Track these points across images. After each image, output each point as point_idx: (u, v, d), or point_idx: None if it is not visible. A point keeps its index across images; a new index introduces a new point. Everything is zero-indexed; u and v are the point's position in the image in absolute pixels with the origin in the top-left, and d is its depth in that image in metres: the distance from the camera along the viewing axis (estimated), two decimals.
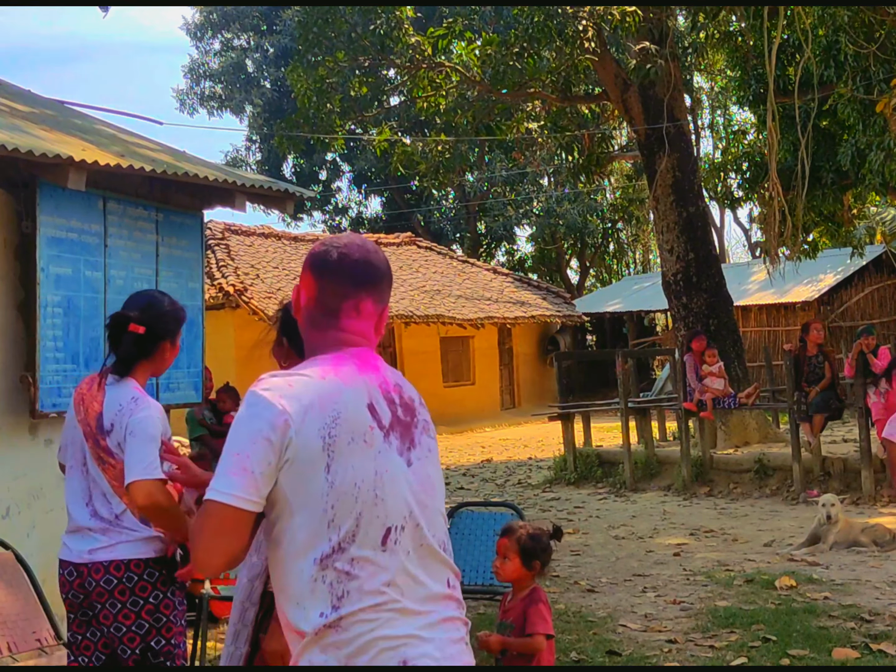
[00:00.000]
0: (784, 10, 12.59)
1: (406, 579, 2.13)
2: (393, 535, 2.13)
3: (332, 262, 2.25)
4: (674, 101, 14.74)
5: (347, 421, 2.11)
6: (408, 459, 2.19)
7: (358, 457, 2.11)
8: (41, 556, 5.27)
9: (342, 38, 16.12)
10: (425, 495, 2.20)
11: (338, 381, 2.14)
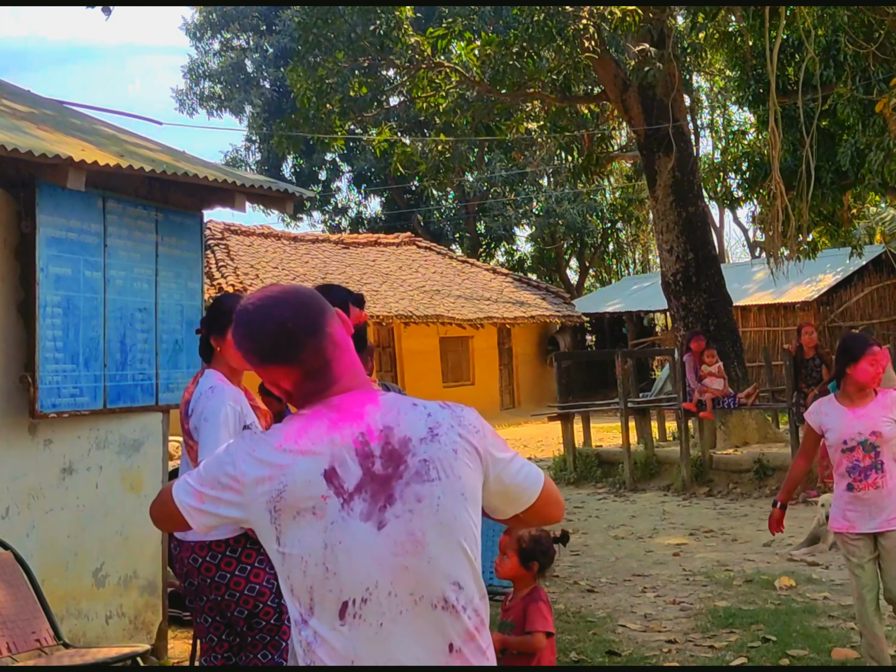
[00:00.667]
0: (784, 10, 12.59)
1: (384, 655, 1.98)
2: (351, 609, 1.98)
3: (272, 334, 2.11)
4: (673, 101, 14.73)
5: (293, 495, 1.99)
6: (379, 522, 2.00)
7: (305, 530, 1.99)
8: (41, 556, 5.27)
9: (342, 38, 16.12)
10: (406, 557, 1.99)
11: (293, 451, 2.03)
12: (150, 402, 5.88)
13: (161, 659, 6.01)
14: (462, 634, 2.02)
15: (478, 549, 2.09)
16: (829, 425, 5.22)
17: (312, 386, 2.10)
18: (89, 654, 4.73)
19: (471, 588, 2.04)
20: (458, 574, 2.02)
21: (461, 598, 2.02)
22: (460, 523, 2.04)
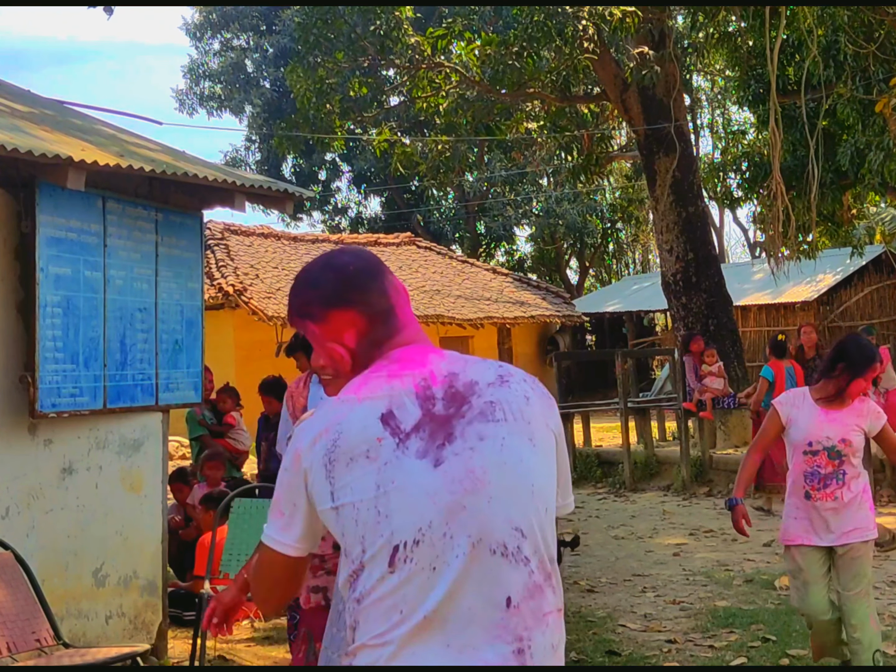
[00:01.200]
0: (784, 10, 12.59)
1: (434, 601, 1.84)
2: (402, 552, 1.86)
3: (348, 276, 2.09)
4: (673, 101, 14.75)
5: (348, 440, 1.92)
6: (436, 459, 1.90)
7: (357, 476, 1.90)
8: (40, 556, 5.27)
9: (342, 38, 16.13)
10: (464, 495, 1.87)
11: (351, 400, 1.97)
12: (150, 402, 5.88)
13: (161, 659, 6.01)
14: (522, 588, 1.87)
15: (551, 501, 1.97)
16: (797, 421, 4.81)
17: (380, 332, 2.03)
18: (89, 654, 4.73)
19: (537, 539, 1.90)
20: (521, 519, 1.89)
21: (525, 547, 1.88)
22: (527, 466, 1.92)
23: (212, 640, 6.19)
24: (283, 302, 20.29)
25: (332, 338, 2.04)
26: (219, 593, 2.68)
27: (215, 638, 5.96)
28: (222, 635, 2.74)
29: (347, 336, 2.03)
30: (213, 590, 6.01)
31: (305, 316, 2.05)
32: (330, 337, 2.04)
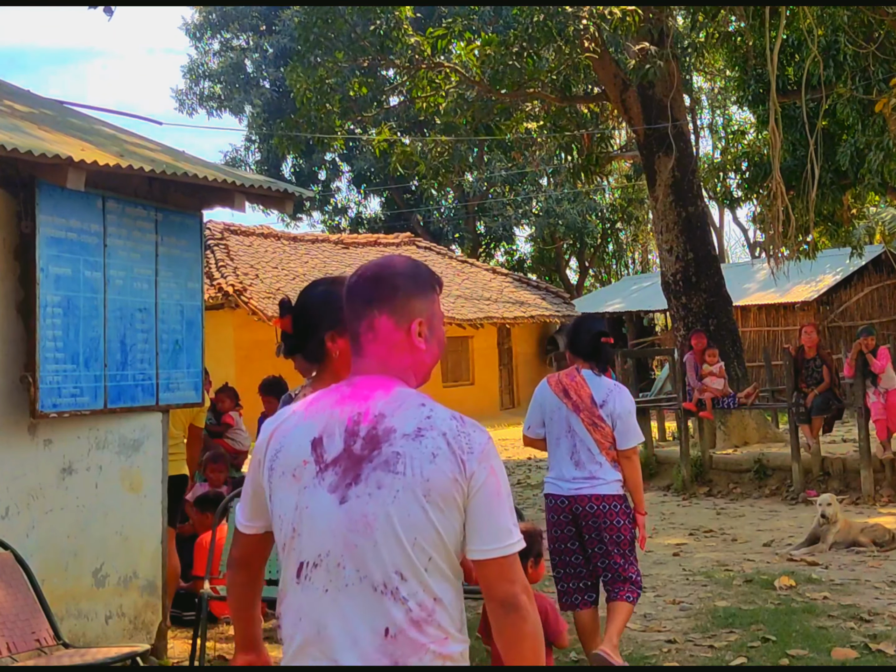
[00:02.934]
0: (784, 10, 12.60)
1: (323, 619, 2.11)
2: (305, 570, 2.15)
3: (347, 286, 2.29)
4: (673, 101, 14.74)
5: (286, 455, 2.18)
6: (342, 496, 2.11)
7: (285, 490, 2.17)
8: (40, 556, 5.27)
9: (342, 38, 16.13)
10: (356, 535, 2.09)
11: (300, 415, 2.22)
12: (151, 402, 5.88)
13: (161, 659, 6.01)
14: (400, 622, 2.07)
15: (439, 551, 2.10)
16: None
17: (350, 342, 2.28)
18: (89, 654, 4.73)
19: (415, 583, 2.08)
20: (401, 565, 2.08)
21: (403, 589, 2.08)
22: (412, 521, 2.08)
23: (211, 640, 6.20)
24: None
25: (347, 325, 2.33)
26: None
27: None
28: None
29: (340, 341, 2.51)
30: (213, 590, 6.02)
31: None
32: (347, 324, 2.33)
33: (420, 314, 2.23)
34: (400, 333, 2.22)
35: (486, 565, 2.13)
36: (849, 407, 12.06)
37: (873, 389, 11.26)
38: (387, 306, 2.21)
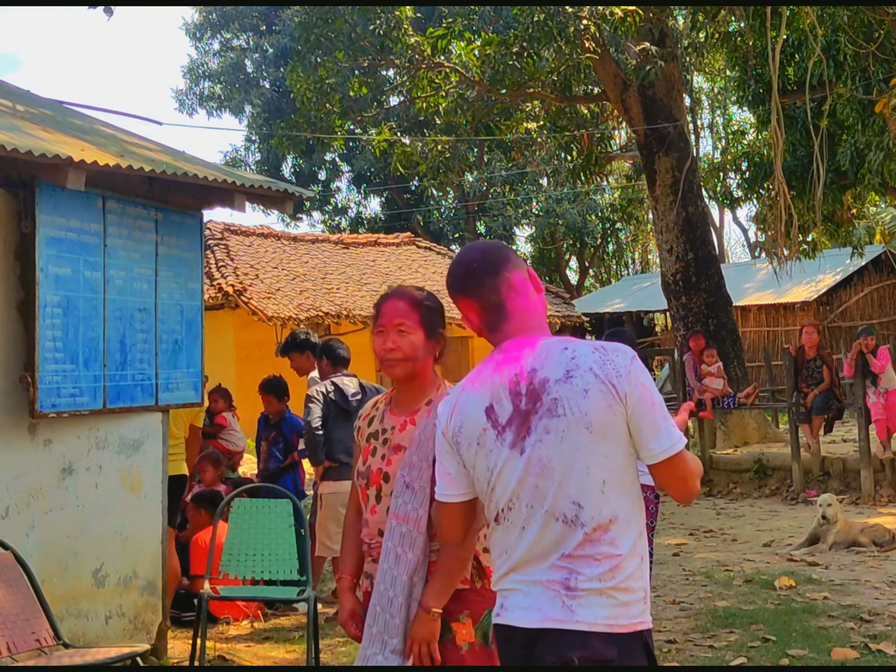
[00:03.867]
0: (784, 10, 12.59)
1: (520, 549, 2.48)
2: (502, 514, 2.51)
3: (460, 278, 2.66)
4: (673, 101, 14.74)
5: (467, 429, 2.54)
6: (521, 449, 2.47)
7: (475, 458, 2.54)
8: (40, 556, 5.27)
9: (342, 38, 16.12)
10: (538, 478, 2.45)
11: (469, 391, 2.57)
12: (150, 402, 5.87)
13: (161, 659, 6.00)
14: (574, 545, 2.44)
15: (611, 474, 2.44)
16: None
17: (489, 318, 2.60)
18: (89, 654, 4.73)
19: (591, 509, 2.43)
20: (578, 496, 2.43)
21: (581, 515, 2.43)
22: (581, 453, 2.43)
23: (211, 640, 6.20)
24: (283, 302, 20.34)
25: (462, 314, 2.65)
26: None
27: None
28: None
29: (471, 315, 2.64)
30: (213, 590, 6.01)
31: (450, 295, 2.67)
32: (462, 313, 2.65)
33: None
34: (527, 281, 2.63)
35: (658, 468, 2.47)
36: (849, 407, 12.06)
37: (873, 389, 11.26)
38: (509, 263, 2.61)
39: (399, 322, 3.18)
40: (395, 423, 3.23)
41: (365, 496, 3.23)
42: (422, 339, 3.19)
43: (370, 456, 3.24)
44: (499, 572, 2.57)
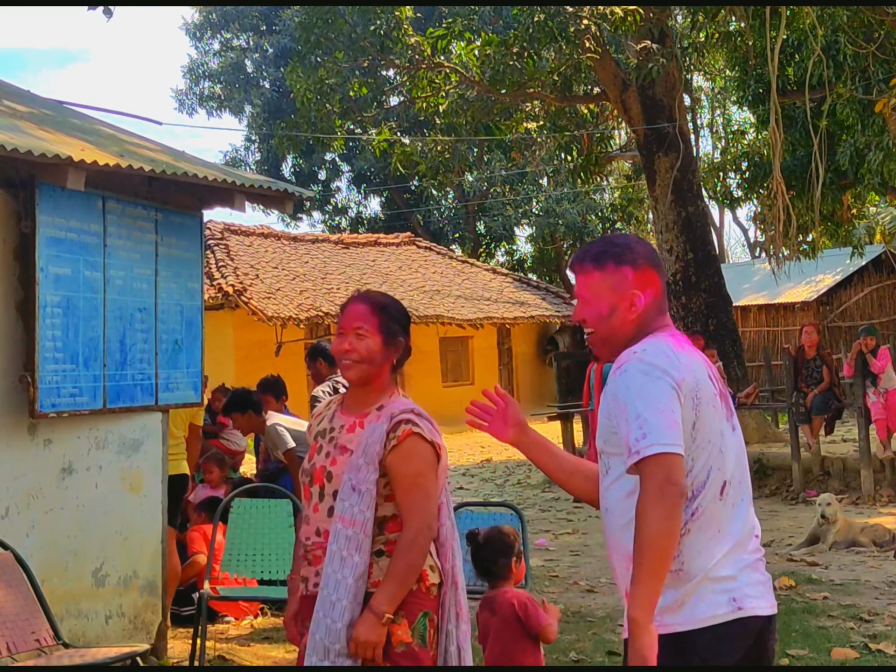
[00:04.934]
0: (784, 10, 12.59)
1: (734, 526, 2.48)
2: (727, 487, 2.49)
3: (655, 253, 2.70)
4: (673, 101, 14.74)
5: (704, 387, 2.49)
6: (732, 425, 2.57)
7: (711, 417, 2.48)
8: (40, 556, 5.27)
9: (342, 38, 16.12)
10: (744, 457, 2.58)
11: (690, 353, 2.54)
12: (150, 402, 5.87)
13: (161, 659, 6.00)
14: (758, 529, 2.61)
15: None
16: None
17: (662, 303, 2.63)
18: (89, 654, 4.73)
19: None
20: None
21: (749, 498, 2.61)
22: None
23: (211, 640, 6.19)
24: (283, 302, 20.36)
25: (639, 287, 2.57)
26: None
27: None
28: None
29: (649, 291, 2.58)
30: (213, 590, 6.02)
31: (628, 262, 2.58)
32: (638, 286, 2.57)
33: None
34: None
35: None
36: (849, 407, 12.06)
37: (873, 389, 11.26)
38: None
39: (358, 325, 3.22)
40: (344, 423, 3.26)
41: (308, 494, 3.24)
42: (379, 345, 3.22)
43: (316, 454, 3.25)
44: (714, 557, 2.45)
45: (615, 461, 2.53)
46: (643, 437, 2.35)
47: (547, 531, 10.35)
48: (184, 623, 6.72)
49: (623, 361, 2.49)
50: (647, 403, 2.39)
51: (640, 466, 2.36)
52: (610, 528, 2.62)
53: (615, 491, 2.56)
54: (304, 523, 3.24)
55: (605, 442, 2.57)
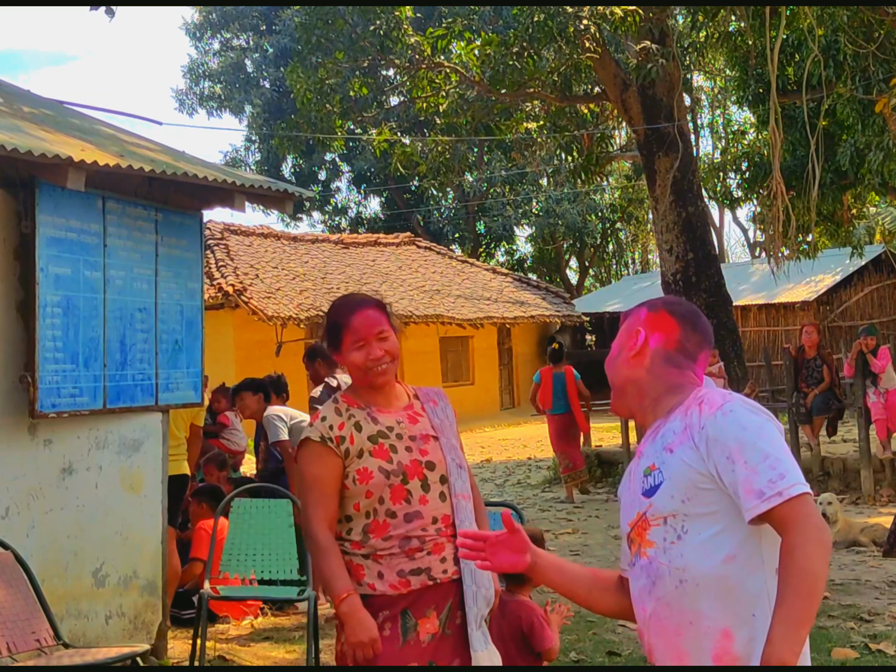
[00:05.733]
0: (784, 10, 12.58)
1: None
2: None
3: (700, 320, 2.52)
4: (673, 100, 14.74)
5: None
6: None
7: None
8: (40, 556, 5.27)
9: (342, 38, 16.13)
10: None
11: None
12: (150, 402, 5.87)
13: (161, 659, 6.00)
14: None
15: None
16: None
17: (680, 357, 2.48)
18: (89, 654, 4.73)
19: None
20: None
21: None
22: None
23: (211, 640, 6.19)
24: (283, 302, 20.37)
25: (647, 327, 2.55)
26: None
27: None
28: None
29: (657, 335, 2.51)
30: (213, 590, 6.01)
31: (647, 305, 2.63)
32: (646, 326, 2.55)
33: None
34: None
35: None
36: (849, 407, 12.06)
37: (873, 389, 11.26)
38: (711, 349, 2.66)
39: (379, 330, 3.28)
40: (401, 419, 3.31)
41: (403, 492, 3.22)
42: (397, 340, 3.34)
43: (392, 453, 3.25)
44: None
45: (700, 520, 2.23)
46: (780, 477, 2.13)
47: (547, 531, 10.35)
48: (184, 625, 6.72)
49: (721, 404, 2.27)
50: (771, 443, 2.19)
51: (782, 509, 2.12)
52: (688, 601, 2.24)
53: (705, 556, 2.22)
54: (407, 521, 3.21)
55: (688, 500, 2.24)
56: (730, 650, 2.17)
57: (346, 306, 3.34)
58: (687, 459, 2.24)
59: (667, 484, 2.26)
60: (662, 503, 2.27)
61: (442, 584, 3.21)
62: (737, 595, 2.17)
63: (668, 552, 2.25)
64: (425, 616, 3.19)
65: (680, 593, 2.22)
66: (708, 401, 2.29)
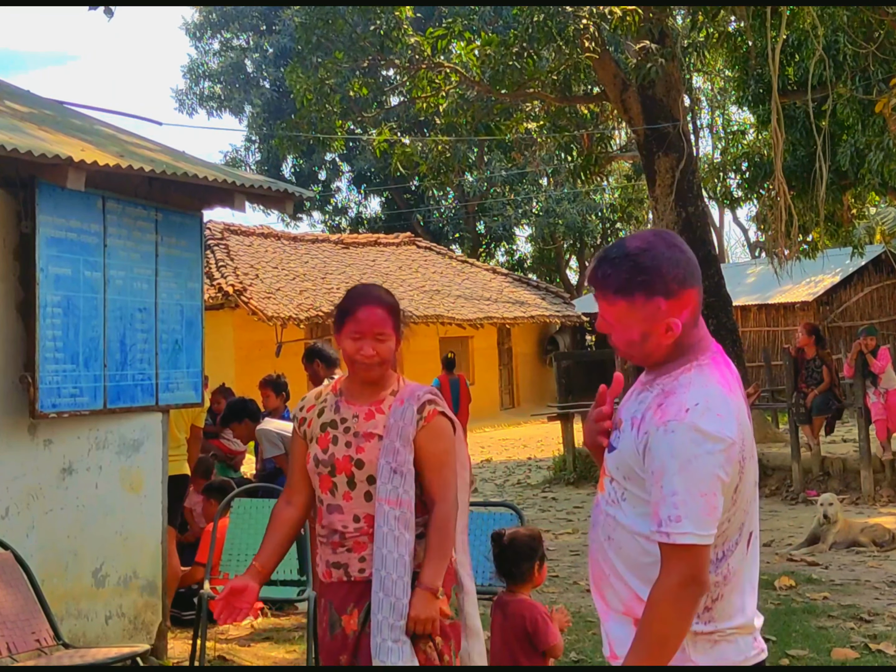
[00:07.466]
0: (784, 10, 12.58)
1: (753, 573, 2.31)
2: (752, 538, 2.30)
3: (696, 270, 2.28)
4: (673, 101, 14.74)
5: (748, 436, 2.23)
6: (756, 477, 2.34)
7: (752, 471, 2.26)
8: (40, 556, 5.27)
9: (342, 38, 16.12)
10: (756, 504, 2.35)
11: (735, 390, 2.25)
12: (150, 402, 5.87)
13: (161, 659, 6.00)
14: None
15: None
16: None
17: (698, 315, 2.29)
18: (89, 654, 4.72)
19: None
20: None
21: None
22: None
23: (211, 640, 6.19)
24: (283, 302, 20.37)
25: (675, 313, 2.23)
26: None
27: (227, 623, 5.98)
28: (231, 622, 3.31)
29: (685, 313, 2.24)
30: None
31: (660, 293, 2.22)
32: (674, 313, 2.23)
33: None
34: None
35: None
36: (849, 407, 12.06)
37: (873, 389, 11.26)
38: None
39: (379, 331, 3.31)
40: (357, 413, 3.34)
41: (329, 483, 3.31)
42: (395, 345, 3.36)
43: (331, 444, 3.32)
44: (745, 612, 2.27)
45: (635, 499, 2.26)
46: (677, 519, 2.11)
47: (547, 531, 10.34)
48: (184, 625, 6.72)
49: (670, 419, 2.17)
50: (688, 483, 2.12)
51: (664, 549, 2.14)
52: (612, 555, 2.32)
53: (633, 527, 2.27)
54: (329, 513, 3.31)
55: (627, 478, 2.27)
56: (638, 615, 2.21)
57: (360, 296, 3.40)
58: (632, 446, 2.26)
59: (617, 453, 2.31)
60: (611, 466, 2.33)
61: (357, 582, 3.25)
62: (654, 571, 2.19)
63: (609, 505, 2.33)
64: (347, 613, 3.26)
65: (607, 546, 2.31)
66: (667, 405, 2.21)
